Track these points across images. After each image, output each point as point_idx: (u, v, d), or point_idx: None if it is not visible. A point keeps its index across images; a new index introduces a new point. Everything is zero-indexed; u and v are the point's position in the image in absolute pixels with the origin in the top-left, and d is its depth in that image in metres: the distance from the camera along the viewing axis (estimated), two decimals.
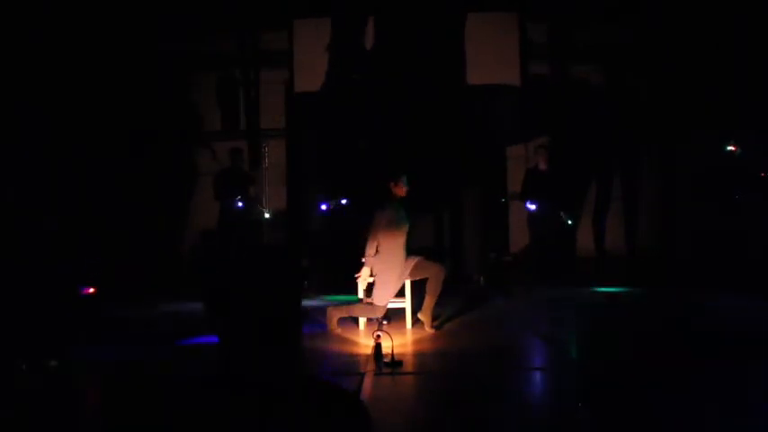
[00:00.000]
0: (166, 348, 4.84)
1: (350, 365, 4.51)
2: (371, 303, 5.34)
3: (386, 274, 5.25)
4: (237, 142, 8.31)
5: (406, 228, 5.34)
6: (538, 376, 4.32)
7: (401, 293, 5.52)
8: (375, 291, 5.30)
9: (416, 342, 5.12)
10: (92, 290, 5.67)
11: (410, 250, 5.41)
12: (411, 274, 5.39)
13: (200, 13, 8.19)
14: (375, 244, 5.23)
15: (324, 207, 7.43)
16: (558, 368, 4.42)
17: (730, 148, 7.19)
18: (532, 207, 7.57)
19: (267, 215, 8.03)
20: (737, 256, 7.08)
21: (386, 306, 5.32)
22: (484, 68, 8.39)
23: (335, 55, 8.39)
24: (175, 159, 8.61)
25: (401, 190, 5.39)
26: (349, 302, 5.64)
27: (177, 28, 8.21)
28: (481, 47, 8.39)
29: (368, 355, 4.63)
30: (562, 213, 7.49)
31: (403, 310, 5.63)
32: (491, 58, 8.39)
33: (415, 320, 5.52)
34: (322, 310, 5.53)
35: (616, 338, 5.14)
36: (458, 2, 8.36)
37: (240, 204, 7.77)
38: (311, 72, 8.40)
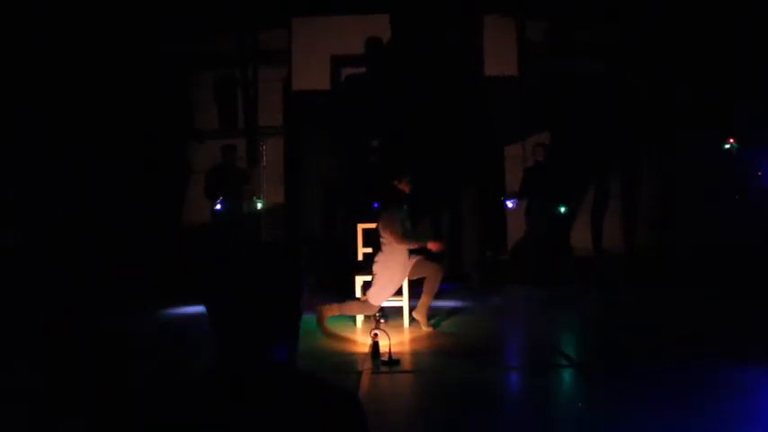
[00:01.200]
0: None
1: (347, 364, 4.52)
2: (365, 301, 5.33)
3: (387, 275, 5.23)
4: (236, 140, 8.30)
5: (409, 228, 5.34)
6: (534, 375, 4.33)
7: (398, 292, 5.52)
8: (372, 289, 5.27)
9: (414, 341, 5.13)
10: None
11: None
12: (409, 274, 5.39)
13: (199, 13, 8.19)
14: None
15: (376, 206, 7.45)
16: (553, 367, 4.43)
17: (728, 144, 7.19)
18: (510, 205, 7.59)
19: (260, 205, 8.00)
20: (735, 255, 7.08)
21: (379, 306, 5.31)
22: (483, 67, 8.39)
23: (334, 53, 8.40)
24: (174, 158, 8.60)
25: (406, 188, 5.40)
26: (340, 301, 5.59)
27: (176, 27, 8.20)
28: (480, 45, 8.39)
29: (365, 354, 4.65)
30: (557, 206, 7.51)
31: (400, 309, 5.64)
32: (490, 57, 8.39)
33: (412, 319, 5.52)
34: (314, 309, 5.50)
35: None
36: (457, 1, 8.36)
37: (218, 207, 7.59)
38: (309, 70, 8.40)
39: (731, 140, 7.10)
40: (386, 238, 5.23)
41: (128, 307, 6.53)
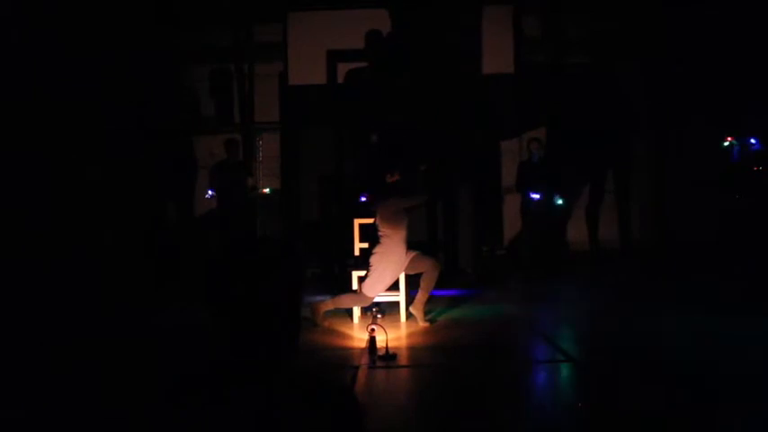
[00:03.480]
0: None
1: (344, 359, 4.53)
2: (360, 292, 5.33)
3: (383, 267, 5.23)
4: (232, 135, 8.29)
5: (407, 221, 5.33)
6: (531, 370, 4.34)
7: (395, 287, 5.52)
8: (367, 281, 5.27)
9: (411, 335, 5.13)
10: None
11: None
12: (406, 269, 5.40)
13: (194, 6, 8.16)
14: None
15: (363, 199, 7.38)
16: (551, 362, 4.44)
17: (726, 143, 7.20)
18: (536, 197, 7.56)
19: (267, 190, 8.07)
20: (733, 250, 7.10)
21: (374, 297, 5.32)
22: (478, 60, 8.39)
23: (330, 48, 8.37)
24: (171, 154, 8.55)
25: (397, 177, 5.42)
26: (334, 295, 5.58)
27: (172, 21, 8.17)
28: (476, 38, 8.38)
29: (362, 349, 4.65)
30: (555, 196, 7.52)
31: (397, 304, 5.64)
32: (486, 52, 8.39)
33: (409, 314, 5.53)
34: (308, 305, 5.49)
35: None
36: None
37: (210, 194, 7.75)
38: (305, 65, 8.37)
39: (729, 139, 7.10)
40: (384, 231, 5.24)
41: (129, 304, 6.49)
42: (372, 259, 5.28)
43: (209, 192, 7.74)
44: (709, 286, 6.33)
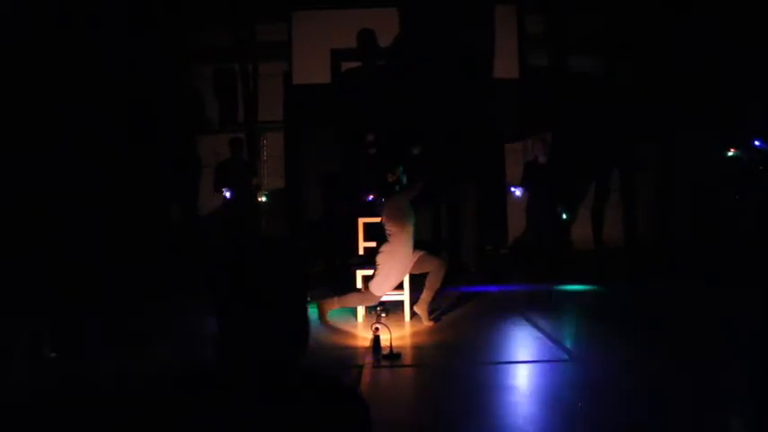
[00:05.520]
0: None
1: (348, 358, 4.54)
2: (367, 291, 5.34)
3: (390, 266, 5.24)
4: (236, 135, 8.30)
5: (413, 220, 5.33)
6: (535, 369, 4.34)
7: (400, 286, 5.53)
8: (374, 279, 5.28)
9: (415, 334, 5.14)
10: None
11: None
12: (412, 268, 5.40)
13: (198, 5, 8.16)
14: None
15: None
16: (555, 361, 4.44)
17: (731, 153, 7.17)
18: (518, 193, 7.58)
19: (264, 199, 8.08)
20: (736, 247, 7.08)
21: (380, 296, 5.32)
22: (483, 60, 8.38)
23: (334, 47, 8.37)
24: (174, 153, 8.56)
25: (396, 175, 5.43)
26: (340, 294, 5.59)
27: (176, 20, 8.17)
28: (480, 38, 8.37)
29: (366, 348, 4.66)
30: (560, 208, 7.52)
31: (401, 303, 5.65)
32: (490, 50, 8.38)
33: (413, 313, 5.53)
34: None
35: None
36: None
37: (228, 196, 7.71)
38: (310, 64, 8.37)
39: (733, 150, 7.08)
40: (390, 230, 5.24)
41: (130, 304, 6.51)
42: (379, 258, 5.28)
43: (226, 193, 7.69)
44: (708, 286, 6.32)
